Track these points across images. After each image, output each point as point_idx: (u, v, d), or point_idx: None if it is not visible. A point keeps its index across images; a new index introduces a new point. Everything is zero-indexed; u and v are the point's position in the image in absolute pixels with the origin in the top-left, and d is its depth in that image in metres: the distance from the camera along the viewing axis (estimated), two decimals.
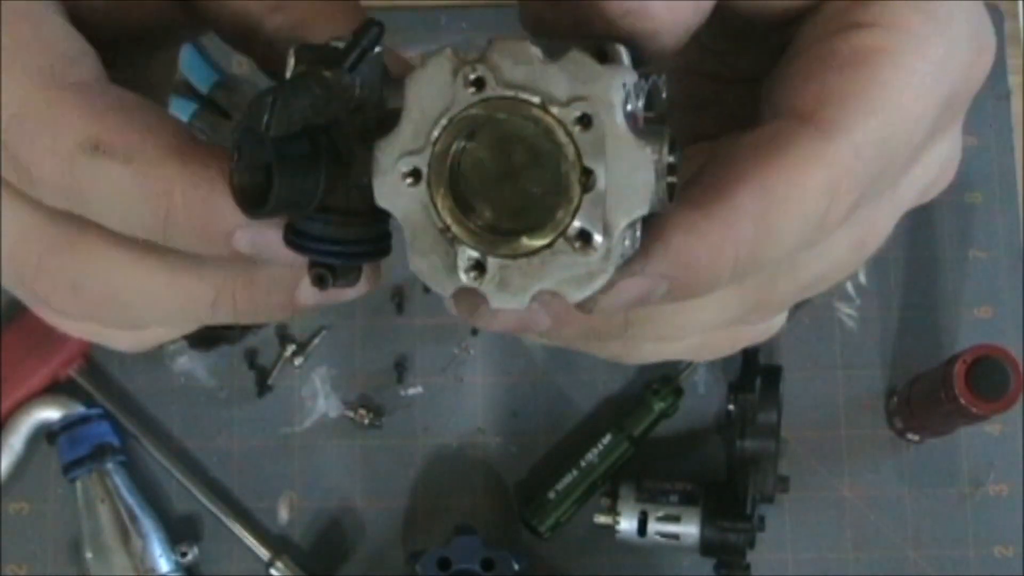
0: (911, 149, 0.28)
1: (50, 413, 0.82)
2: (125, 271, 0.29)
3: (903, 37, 0.27)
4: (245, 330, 0.84)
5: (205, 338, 0.84)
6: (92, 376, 0.83)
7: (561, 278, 0.26)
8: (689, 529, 0.77)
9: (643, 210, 0.26)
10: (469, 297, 0.28)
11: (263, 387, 0.84)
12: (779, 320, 0.32)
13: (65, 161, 0.27)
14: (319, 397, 0.84)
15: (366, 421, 0.83)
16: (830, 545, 0.82)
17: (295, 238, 0.28)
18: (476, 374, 0.85)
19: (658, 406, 0.81)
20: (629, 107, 0.26)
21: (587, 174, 0.26)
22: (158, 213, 0.27)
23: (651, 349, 0.31)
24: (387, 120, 0.27)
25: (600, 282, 0.26)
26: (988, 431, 0.82)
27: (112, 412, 0.83)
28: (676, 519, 0.77)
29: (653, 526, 0.78)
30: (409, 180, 0.27)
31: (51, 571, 0.82)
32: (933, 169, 0.30)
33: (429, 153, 0.26)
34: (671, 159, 0.26)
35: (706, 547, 0.77)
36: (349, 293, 0.30)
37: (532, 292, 0.26)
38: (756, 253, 0.26)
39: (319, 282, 0.28)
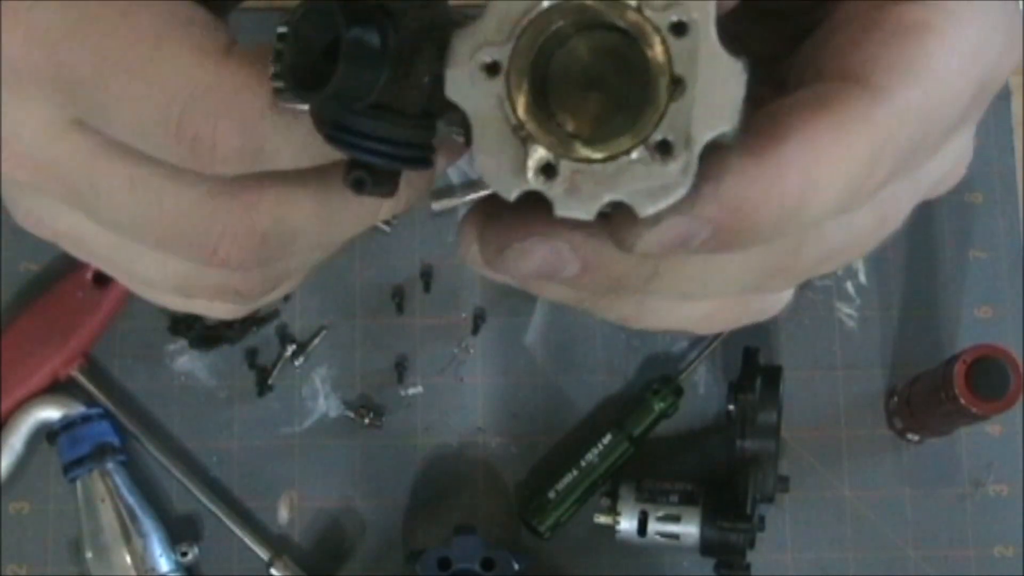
0: (946, 126, 0.28)
1: (50, 413, 0.82)
2: (308, 204, 0.30)
3: (945, 15, 0.28)
4: (245, 329, 0.84)
5: (205, 338, 0.84)
6: (92, 376, 0.83)
7: (634, 189, 0.25)
8: (689, 529, 0.77)
9: (728, 125, 0.25)
10: (496, 238, 0.28)
11: (263, 387, 0.84)
12: (785, 297, 0.32)
13: (257, 125, 0.27)
14: (319, 397, 0.84)
15: (366, 421, 0.83)
16: (830, 545, 0.82)
17: (338, 133, 0.27)
18: (476, 374, 0.85)
19: (658, 406, 0.81)
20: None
21: (676, 83, 0.25)
22: None
23: (662, 312, 0.31)
24: (453, 22, 0.26)
25: (675, 197, 0.25)
26: (988, 431, 0.82)
27: (112, 412, 0.83)
28: (676, 519, 0.77)
29: (653, 526, 0.78)
30: (486, 73, 0.26)
31: (51, 571, 0.82)
32: (950, 160, 0.31)
33: (512, 46, 0.26)
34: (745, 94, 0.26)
35: (706, 547, 0.77)
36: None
37: (602, 201, 0.26)
38: (800, 207, 0.26)
39: (357, 186, 0.27)
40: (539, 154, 0.26)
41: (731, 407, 0.78)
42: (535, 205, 0.28)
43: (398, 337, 0.85)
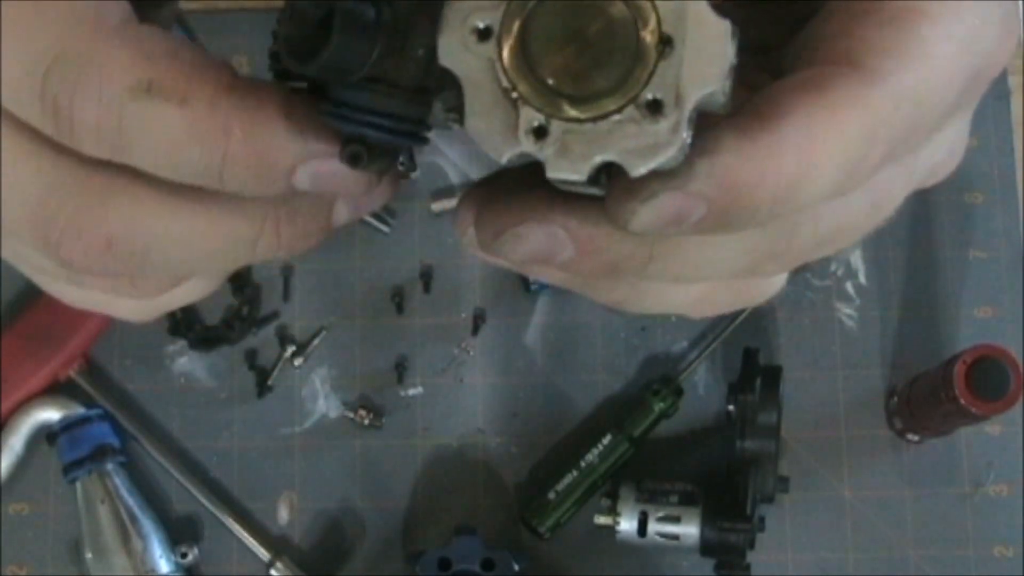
0: (940, 111, 0.29)
1: (50, 414, 0.82)
2: (166, 219, 0.28)
3: (941, 3, 0.28)
4: (245, 330, 0.84)
5: (205, 338, 0.84)
6: (92, 377, 0.83)
7: (625, 148, 0.26)
8: (689, 529, 0.77)
9: (716, 84, 0.26)
10: (492, 222, 0.28)
11: (263, 387, 0.84)
12: (778, 282, 0.32)
13: (113, 106, 0.26)
14: (319, 397, 0.84)
15: (366, 421, 0.83)
16: (830, 545, 0.82)
17: (334, 108, 0.27)
18: (476, 374, 0.85)
19: (658, 406, 0.81)
20: None
21: (665, 42, 0.25)
22: (214, 155, 0.27)
23: (657, 295, 0.31)
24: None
25: (665, 156, 0.26)
26: (988, 431, 0.82)
27: (112, 413, 0.83)
28: (676, 519, 0.77)
29: (653, 526, 0.78)
30: (477, 37, 0.26)
31: (51, 571, 0.82)
32: (944, 149, 0.31)
33: (502, 10, 0.26)
34: (735, 61, 0.26)
35: (706, 547, 0.77)
36: (377, 201, 0.30)
37: (593, 161, 0.26)
38: (794, 188, 0.27)
39: (353, 160, 0.27)
40: (530, 116, 0.26)
41: (731, 407, 0.78)
42: (531, 190, 0.28)
43: (398, 337, 0.85)
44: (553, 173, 0.26)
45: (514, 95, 0.26)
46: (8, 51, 0.26)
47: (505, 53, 0.26)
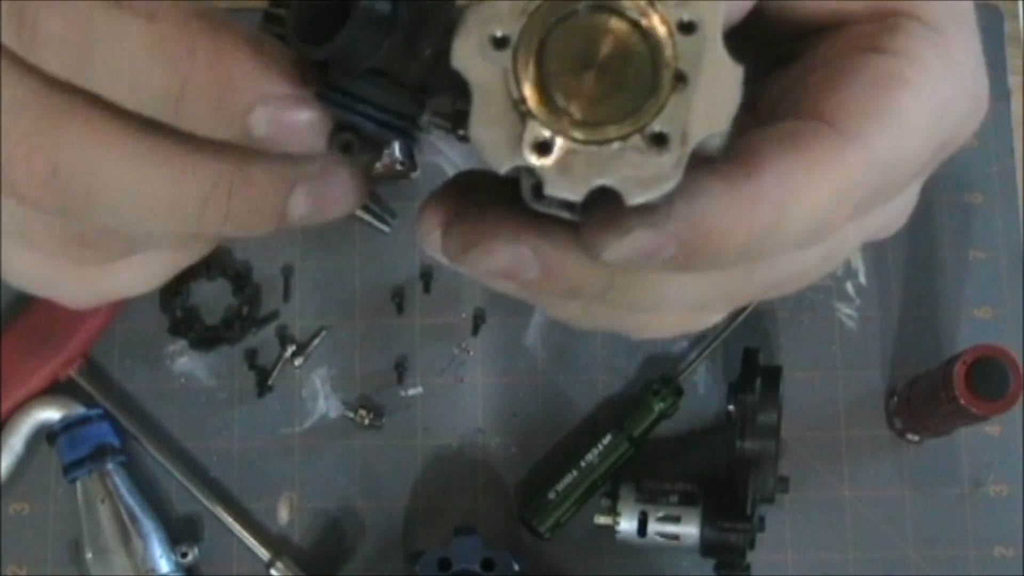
0: (907, 176, 0.30)
1: (50, 413, 0.82)
2: (114, 156, 0.27)
3: (921, 72, 0.29)
4: (245, 330, 0.84)
5: (205, 338, 0.84)
6: (92, 376, 0.83)
7: (625, 176, 0.26)
8: (689, 529, 0.77)
9: (723, 126, 0.26)
10: (462, 235, 0.29)
11: (263, 387, 0.84)
12: (721, 314, 0.33)
13: (80, 16, 0.26)
14: (319, 397, 0.84)
15: (366, 422, 0.83)
16: (830, 545, 0.82)
17: (332, 93, 0.27)
18: (476, 374, 0.85)
19: (658, 406, 0.81)
20: None
21: (679, 79, 0.26)
22: (175, 78, 0.26)
23: (606, 318, 0.31)
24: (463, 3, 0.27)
25: (664, 189, 0.26)
26: (988, 431, 0.82)
27: (112, 412, 0.83)
28: (676, 519, 0.77)
29: (653, 526, 0.78)
30: (494, 45, 0.26)
31: (51, 571, 0.82)
32: (897, 208, 0.32)
33: (522, 23, 0.26)
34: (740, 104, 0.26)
35: (706, 547, 0.77)
36: (339, 205, 0.30)
37: (592, 184, 0.26)
38: (763, 239, 0.27)
39: (344, 148, 0.27)
40: (536, 131, 0.26)
41: (731, 407, 0.78)
42: (502, 205, 0.28)
43: (398, 337, 0.85)
44: (551, 191, 0.26)
45: (523, 108, 0.26)
46: None
47: (520, 65, 0.26)
